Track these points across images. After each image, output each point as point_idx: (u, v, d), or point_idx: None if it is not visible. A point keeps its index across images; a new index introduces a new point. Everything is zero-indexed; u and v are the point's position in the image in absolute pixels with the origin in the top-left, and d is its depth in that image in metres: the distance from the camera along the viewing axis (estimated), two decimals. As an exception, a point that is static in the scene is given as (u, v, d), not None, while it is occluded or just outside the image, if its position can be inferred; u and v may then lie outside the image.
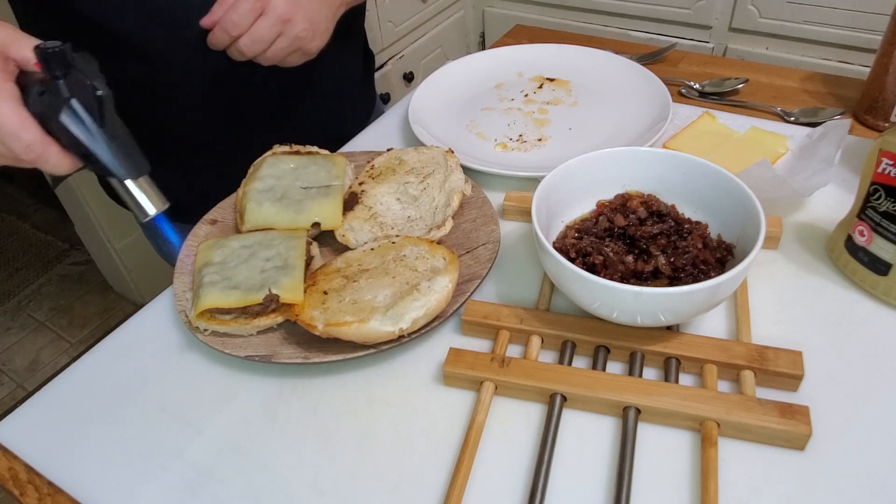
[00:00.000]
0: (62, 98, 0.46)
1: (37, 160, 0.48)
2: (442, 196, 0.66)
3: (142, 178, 0.51)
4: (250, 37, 0.61)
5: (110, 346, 0.60)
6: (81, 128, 0.47)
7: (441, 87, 0.89)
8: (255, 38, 0.62)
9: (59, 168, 0.49)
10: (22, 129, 0.46)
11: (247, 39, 0.61)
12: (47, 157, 0.48)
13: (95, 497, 0.48)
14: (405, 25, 1.85)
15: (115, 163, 0.49)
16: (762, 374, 0.49)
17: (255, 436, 0.51)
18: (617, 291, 0.47)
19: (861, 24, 1.46)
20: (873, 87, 0.75)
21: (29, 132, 0.46)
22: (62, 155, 0.49)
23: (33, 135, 0.47)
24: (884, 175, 0.53)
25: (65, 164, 0.49)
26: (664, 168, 0.59)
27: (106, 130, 0.48)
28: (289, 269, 0.57)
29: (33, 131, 0.47)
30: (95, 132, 0.48)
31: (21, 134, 0.46)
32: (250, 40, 0.62)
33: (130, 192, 0.51)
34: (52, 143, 0.48)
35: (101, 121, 0.48)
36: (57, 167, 0.49)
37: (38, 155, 0.47)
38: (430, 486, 0.46)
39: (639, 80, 0.84)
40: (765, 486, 0.44)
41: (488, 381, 0.51)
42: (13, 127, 0.46)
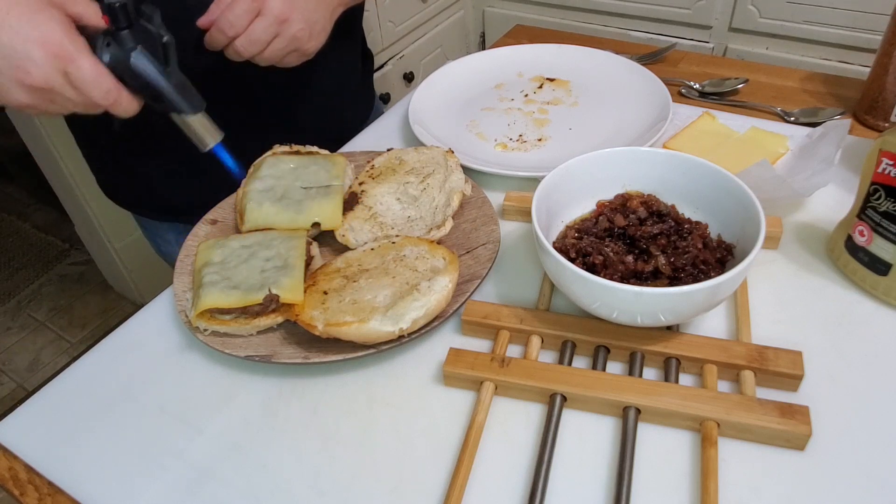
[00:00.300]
0: (129, 47, 0.52)
1: (112, 105, 0.53)
2: (442, 196, 0.66)
3: (200, 113, 0.58)
4: (247, 37, 0.62)
5: (110, 346, 0.60)
6: (150, 71, 0.53)
7: (441, 87, 0.89)
8: (251, 38, 0.62)
9: (129, 110, 0.55)
10: (101, 78, 0.51)
11: (243, 40, 0.62)
12: (121, 101, 0.53)
13: (95, 497, 0.48)
14: (405, 25, 1.85)
15: (181, 100, 0.56)
16: (762, 374, 0.49)
17: (255, 436, 0.51)
18: (617, 291, 0.47)
19: (861, 24, 1.46)
20: (873, 87, 0.75)
21: (106, 80, 0.52)
22: (131, 98, 0.54)
23: (110, 81, 0.52)
24: (884, 175, 0.53)
25: (133, 106, 0.55)
26: (664, 168, 0.59)
27: (170, 72, 0.55)
28: (289, 269, 0.57)
29: (109, 78, 0.52)
30: (162, 74, 0.54)
31: (101, 82, 0.51)
32: (247, 41, 0.62)
33: (192, 126, 0.58)
34: (123, 87, 0.53)
35: (166, 63, 0.54)
36: (127, 109, 0.54)
37: (115, 100, 0.53)
38: (430, 486, 0.46)
39: (639, 80, 0.84)
40: (765, 486, 0.44)
41: (488, 381, 0.51)
42: (94, 76, 0.51)
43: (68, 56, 0.49)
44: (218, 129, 0.60)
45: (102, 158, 0.86)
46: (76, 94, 0.51)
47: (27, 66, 0.49)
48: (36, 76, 0.49)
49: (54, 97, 0.51)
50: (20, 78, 0.49)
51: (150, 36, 0.53)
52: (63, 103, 0.52)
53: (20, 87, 0.50)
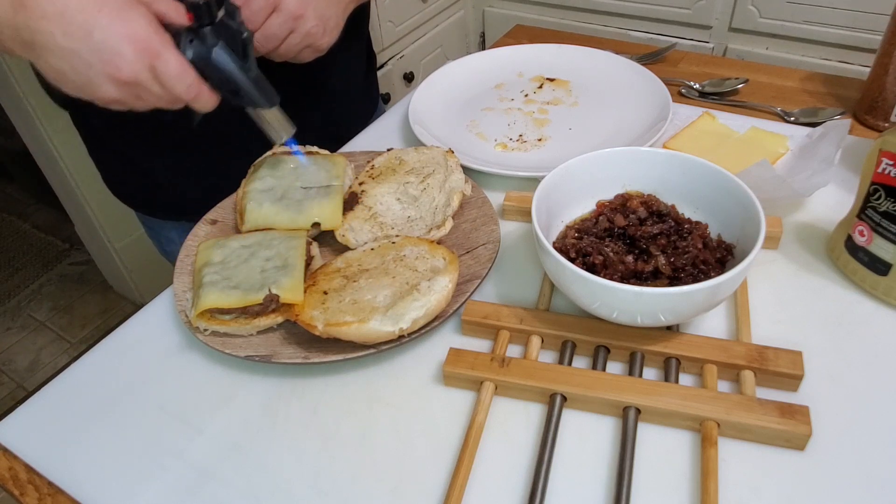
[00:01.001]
0: (211, 43, 0.54)
1: (194, 99, 0.55)
2: (442, 196, 0.66)
3: (275, 107, 0.60)
4: (263, 33, 0.62)
5: (110, 346, 0.60)
6: (230, 66, 0.55)
7: (441, 87, 0.89)
8: (267, 34, 0.63)
9: (209, 104, 0.56)
10: (185, 73, 0.53)
11: (260, 35, 0.63)
12: (201, 96, 0.55)
13: (95, 497, 0.48)
14: (405, 25, 1.85)
15: (259, 94, 0.57)
16: (762, 374, 0.49)
17: (255, 436, 0.51)
18: (617, 291, 0.47)
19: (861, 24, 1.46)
20: (873, 87, 0.75)
21: (189, 74, 0.53)
22: (211, 92, 0.56)
23: (192, 76, 0.54)
24: (884, 175, 0.53)
25: (213, 101, 0.56)
26: (664, 168, 0.59)
27: (249, 67, 0.56)
28: (289, 269, 0.57)
29: (192, 73, 0.54)
30: (241, 69, 0.56)
31: (185, 77, 0.53)
32: (263, 37, 0.63)
33: (267, 119, 0.60)
34: (204, 82, 0.55)
35: (245, 59, 0.56)
36: (207, 104, 0.56)
37: (196, 94, 0.54)
38: (430, 486, 0.46)
39: (639, 80, 0.84)
40: (765, 486, 0.44)
41: (488, 381, 0.51)
42: (178, 71, 0.52)
43: (155, 52, 0.51)
44: (291, 123, 0.62)
45: (110, 156, 0.86)
46: (161, 88, 0.53)
47: (117, 61, 0.50)
48: (125, 71, 0.51)
49: (140, 92, 0.53)
50: (110, 73, 0.51)
51: (231, 32, 0.54)
52: (148, 98, 0.54)
53: (110, 81, 0.51)
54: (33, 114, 1.57)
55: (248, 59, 0.56)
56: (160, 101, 0.55)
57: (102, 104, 0.55)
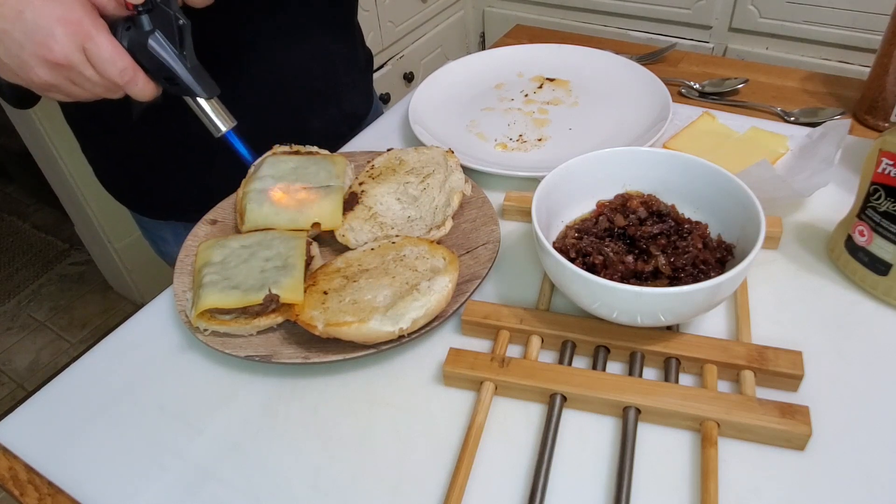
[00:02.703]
0: (147, 29, 0.54)
1: (129, 84, 0.54)
2: (442, 196, 0.66)
3: (214, 98, 0.59)
4: None
5: (110, 346, 0.60)
6: (167, 53, 0.55)
7: (441, 87, 0.89)
8: None
9: (145, 92, 0.56)
10: (117, 55, 0.53)
11: None
12: (136, 81, 0.55)
13: (95, 497, 0.48)
14: (405, 25, 1.85)
15: (195, 84, 0.57)
16: (762, 374, 0.49)
17: (255, 436, 0.51)
18: (617, 291, 0.47)
19: (861, 24, 1.46)
20: (873, 87, 0.75)
21: (122, 58, 0.53)
22: (147, 80, 0.55)
23: (126, 60, 0.53)
24: (884, 175, 0.53)
25: (150, 88, 0.56)
26: (664, 168, 0.59)
27: (186, 55, 0.56)
28: (289, 269, 0.57)
29: (126, 57, 0.53)
30: (178, 57, 0.55)
31: (117, 59, 0.53)
32: None
33: (206, 110, 0.59)
34: (140, 69, 0.55)
35: (182, 47, 0.55)
36: (143, 91, 0.56)
37: (130, 78, 0.54)
38: (430, 486, 0.46)
39: (639, 80, 0.84)
40: (765, 486, 0.44)
41: (488, 381, 0.51)
42: (110, 54, 0.52)
43: (87, 33, 0.51)
44: (231, 115, 0.61)
45: (102, 155, 0.86)
46: (94, 72, 0.53)
47: (49, 42, 0.51)
48: (57, 52, 0.51)
49: (74, 75, 0.53)
50: (42, 54, 0.51)
51: (168, 20, 0.54)
52: (82, 83, 0.54)
53: (42, 63, 0.52)
54: (33, 114, 1.57)
55: (185, 48, 0.56)
56: (96, 87, 0.55)
57: (39, 90, 0.55)
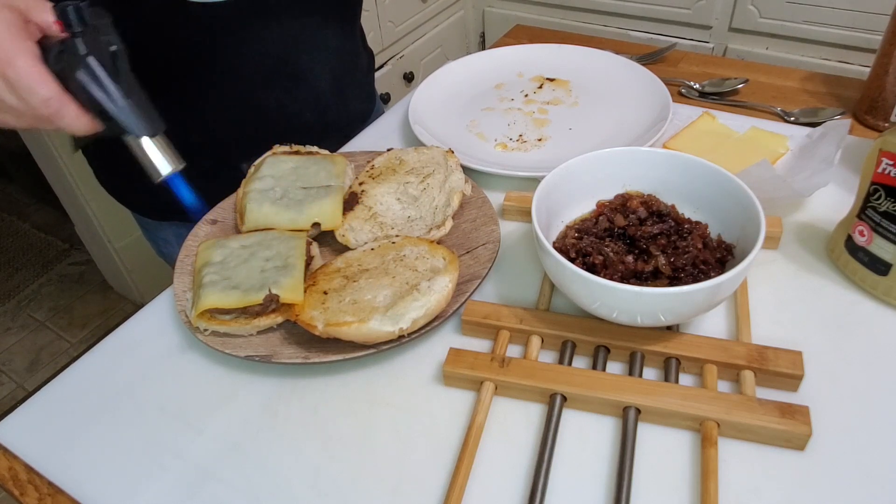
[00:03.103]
0: (79, 55, 0.47)
1: (54, 116, 0.48)
2: (442, 196, 0.66)
3: (157, 136, 0.51)
4: None
5: (110, 346, 0.60)
6: (97, 84, 0.47)
7: (441, 87, 0.89)
8: None
9: (76, 126, 0.50)
10: (39, 83, 0.47)
11: None
12: (64, 114, 0.49)
13: (95, 497, 0.48)
14: (405, 25, 1.85)
15: (131, 119, 0.49)
16: (762, 374, 0.49)
17: (255, 436, 0.51)
18: (617, 291, 0.47)
19: (861, 24, 1.46)
20: (873, 87, 0.75)
21: (46, 86, 0.47)
22: (79, 113, 0.49)
23: (50, 89, 0.47)
24: (884, 175, 0.53)
25: (81, 123, 0.50)
26: (664, 168, 0.59)
27: (120, 86, 0.48)
28: (289, 269, 0.57)
29: (50, 86, 0.47)
30: (110, 88, 0.48)
31: (38, 88, 0.47)
32: None
33: (144, 150, 0.51)
34: (70, 100, 0.48)
35: (116, 77, 0.48)
36: (73, 125, 0.50)
37: (56, 110, 0.48)
38: (430, 486, 0.46)
39: (639, 80, 0.84)
40: (765, 486, 0.44)
41: (488, 381, 0.51)
42: (30, 81, 0.47)
43: (5, 59, 0.46)
44: (178, 156, 0.53)
45: (104, 158, 0.86)
46: (18, 101, 0.48)
47: None
48: None
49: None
50: None
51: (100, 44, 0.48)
52: (9, 111, 0.49)
53: None
54: (33, 114, 1.57)
55: (120, 77, 0.49)
56: (23, 118, 0.49)
57: None
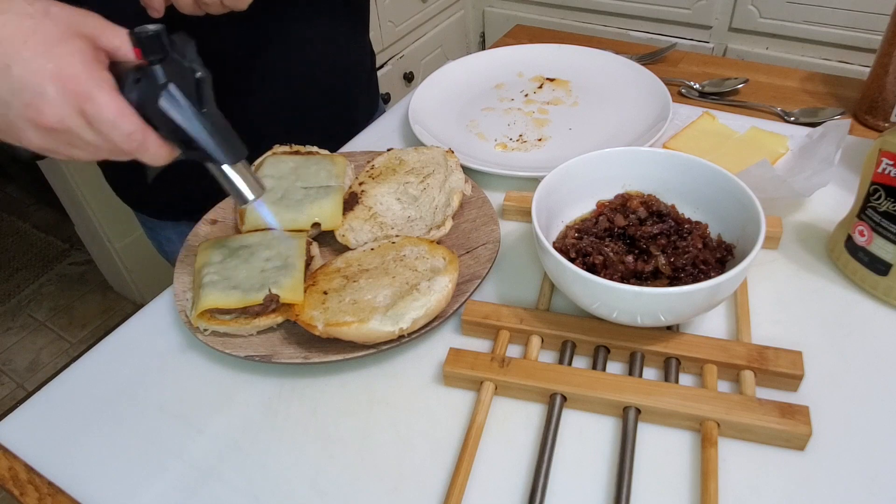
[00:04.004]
0: (160, 83, 0.45)
1: (137, 150, 0.46)
2: (442, 196, 0.66)
3: (240, 162, 0.49)
4: None
5: (110, 346, 0.60)
6: (181, 112, 0.45)
7: (441, 87, 0.89)
8: None
9: (158, 158, 0.47)
10: (122, 118, 0.44)
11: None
12: (147, 146, 0.46)
13: (95, 497, 0.48)
14: (405, 25, 1.85)
15: (216, 147, 0.47)
16: (762, 374, 0.49)
17: (255, 436, 0.51)
18: (617, 291, 0.47)
19: (861, 24, 1.46)
20: (873, 87, 0.75)
21: (129, 121, 0.45)
22: (161, 143, 0.47)
23: (134, 123, 0.45)
24: (884, 175, 0.53)
25: (163, 153, 0.47)
26: (664, 168, 0.59)
27: (206, 114, 0.46)
28: (289, 269, 0.57)
29: (134, 119, 0.45)
30: (195, 116, 0.46)
31: (121, 123, 0.44)
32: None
33: (229, 177, 0.49)
34: (151, 131, 0.46)
35: (201, 104, 0.46)
36: (156, 156, 0.47)
37: (139, 144, 0.46)
38: (430, 486, 0.46)
39: (639, 80, 0.84)
40: (765, 486, 0.44)
41: (488, 381, 0.51)
42: (113, 116, 0.44)
43: (85, 93, 0.43)
44: (260, 181, 0.51)
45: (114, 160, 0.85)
46: (96, 136, 0.45)
47: (39, 103, 0.43)
48: (49, 115, 0.43)
49: (72, 139, 0.45)
50: (32, 116, 0.43)
51: (184, 71, 0.45)
52: (84, 147, 0.46)
53: (32, 126, 0.44)
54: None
55: (204, 104, 0.46)
56: (99, 152, 0.47)
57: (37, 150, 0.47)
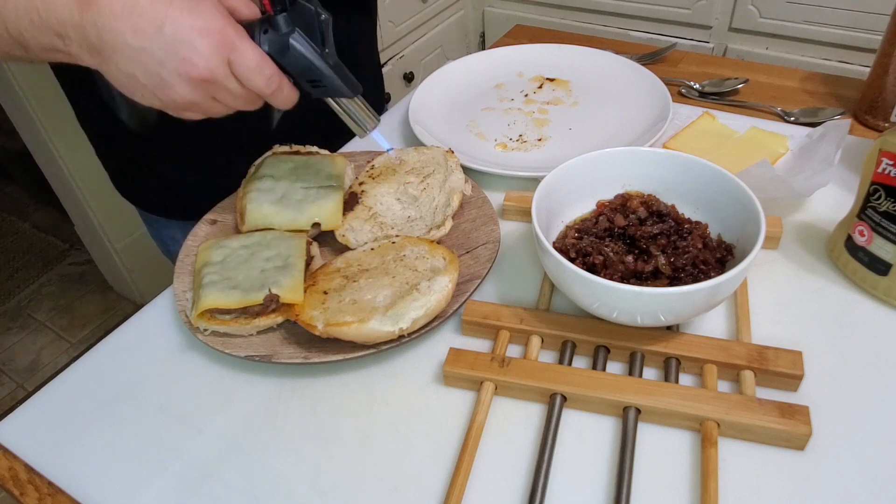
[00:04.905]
0: (286, 31, 0.50)
1: (274, 93, 0.51)
2: (442, 196, 0.66)
3: (358, 96, 0.55)
4: None
5: (110, 346, 0.60)
6: (310, 55, 0.51)
7: (441, 87, 0.89)
8: None
9: (290, 99, 0.53)
10: (264, 64, 0.50)
11: None
12: (282, 89, 0.52)
13: (95, 497, 0.48)
14: (405, 25, 1.85)
15: (341, 83, 0.53)
16: (762, 374, 0.49)
17: (255, 436, 0.51)
18: (617, 291, 0.47)
19: (861, 24, 1.46)
20: (873, 87, 0.75)
21: (269, 65, 0.50)
22: (292, 86, 0.53)
23: (272, 67, 0.50)
24: (884, 175, 0.53)
25: (294, 95, 0.53)
26: (664, 168, 0.59)
27: (328, 54, 0.52)
28: (289, 269, 0.57)
29: (271, 65, 0.50)
30: (321, 56, 0.51)
31: (264, 69, 0.50)
32: None
33: (351, 109, 0.56)
34: (284, 75, 0.52)
35: (325, 45, 0.52)
36: (288, 98, 0.53)
37: (277, 86, 0.51)
38: (430, 486, 0.46)
39: (639, 80, 0.84)
40: (765, 485, 0.44)
41: (488, 381, 0.51)
42: (256, 62, 0.49)
43: (231, 44, 0.48)
44: (375, 113, 0.58)
45: (121, 159, 0.85)
46: (238, 85, 0.50)
47: (192, 56, 0.47)
48: (201, 66, 0.48)
49: (216, 90, 0.50)
50: (185, 70, 0.48)
51: (307, 17, 0.51)
52: (224, 97, 0.51)
53: (184, 80, 0.48)
54: (33, 114, 1.57)
55: (327, 45, 0.52)
56: (237, 101, 0.52)
57: (176, 112, 0.52)
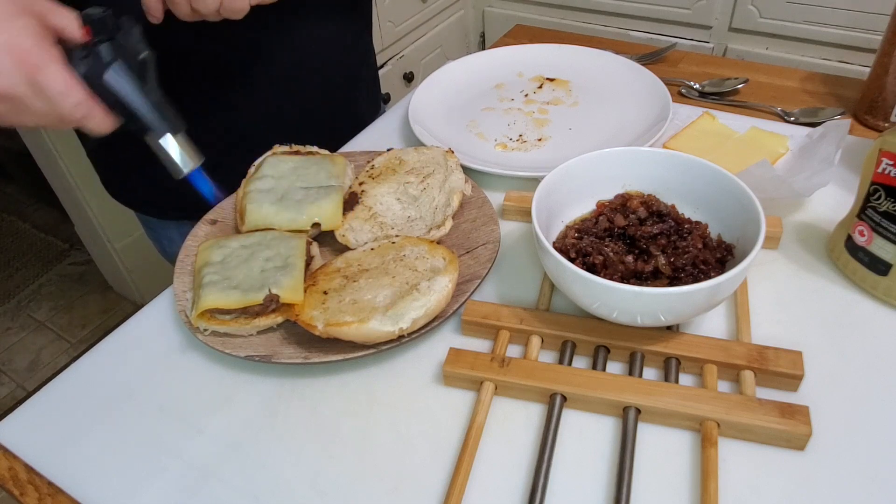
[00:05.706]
0: (106, 60, 0.51)
1: (83, 119, 0.51)
2: (442, 196, 0.66)
3: (179, 134, 0.55)
4: None
5: (110, 346, 0.60)
6: (125, 87, 0.51)
7: (441, 87, 0.89)
8: None
9: (102, 126, 0.52)
10: (71, 89, 0.49)
11: None
12: (92, 116, 0.51)
13: (95, 497, 0.48)
14: (405, 25, 1.85)
15: (158, 120, 0.53)
16: (762, 374, 0.49)
17: (255, 436, 0.51)
18: (617, 291, 0.47)
19: (861, 24, 1.46)
20: (873, 87, 0.75)
21: (77, 91, 0.49)
22: (104, 114, 0.52)
23: (80, 94, 0.50)
24: (884, 175, 0.53)
25: (107, 123, 0.52)
26: (664, 168, 0.59)
27: (147, 90, 0.53)
28: (289, 269, 0.57)
29: (80, 91, 0.50)
30: (138, 91, 0.52)
31: (70, 93, 0.49)
32: None
33: (166, 149, 0.55)
34: (96, 103, 0.51)
35: (143, 81, 0.52)
36: (100, 126, 0.52)
37: (85, 113, 0.51)
38: (430, 486, 0.46)
39: (639, 80, 0.84)
40: (765, 485, 0.44)
41: (488, 381, 0.51)
42: (62, 87, 0.49)
43: (36, 65, 0.48)
44: (198, 152, 0.57)
45: (111, 160, 0.85)
46: (45, 105, 0.49)
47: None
48: (1, 83, 0.47)
49: (21, 107, 0.49)
50: None
51: (129, 50, 0.51)
52: (32, 115, 0.50)
53: None
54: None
55: (147, 81, 0.52)
56: (47, 119, 0.51)
57: None
